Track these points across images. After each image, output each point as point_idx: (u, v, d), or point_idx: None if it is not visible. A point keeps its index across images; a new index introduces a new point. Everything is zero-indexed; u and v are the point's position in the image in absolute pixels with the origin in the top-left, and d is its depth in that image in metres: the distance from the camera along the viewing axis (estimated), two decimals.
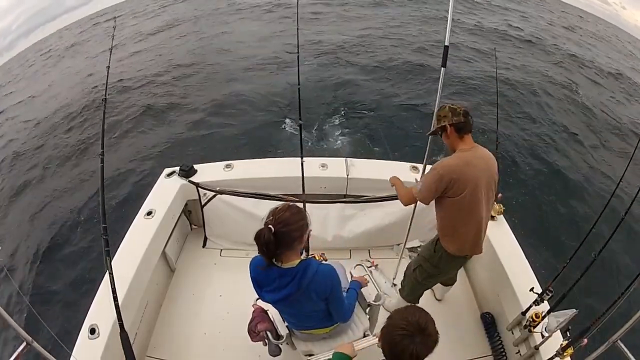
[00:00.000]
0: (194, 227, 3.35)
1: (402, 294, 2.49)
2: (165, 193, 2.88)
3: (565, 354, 1.76)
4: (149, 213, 2.69)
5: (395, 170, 2.33)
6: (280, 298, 1.57)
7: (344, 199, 3.01)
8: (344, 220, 3.01)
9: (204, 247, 3.17)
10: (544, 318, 2.01)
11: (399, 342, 1.13)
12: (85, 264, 4.38)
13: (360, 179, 2.99)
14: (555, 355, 1.78)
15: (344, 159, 3.13)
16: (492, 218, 2.69)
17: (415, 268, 2.30)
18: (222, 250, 3.14)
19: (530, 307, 2.12)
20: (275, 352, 1.96)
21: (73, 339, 1.94)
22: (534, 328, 2.06)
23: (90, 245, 4.60)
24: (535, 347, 2.04)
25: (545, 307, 2.10)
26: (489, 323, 2.61)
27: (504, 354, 2.42)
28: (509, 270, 2.42)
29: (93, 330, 1.96)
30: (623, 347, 1.46)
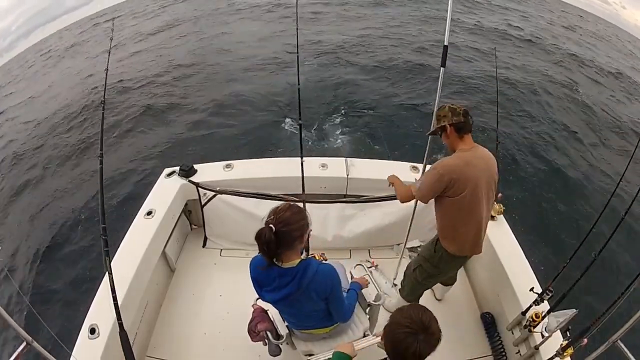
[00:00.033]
0: (194, 227, 3.35)
1: (402, 294, 2.49)
2: (165, 193, 2.88)
3: (565, 354, 1.76)
4: (149, 213, 2.69)
5: (395, 170, 2.33)
6: (281, 298, 1.57)
7: (344, 199, 3.01)
8: (344, 220, 3.01)
9: (204, 247, 3.17)
10: (544, 318, 2.01)
11: (403, 340, 1.13)
12: (85, 264, 4.38)
13: (360, 179, 2.99)
14: (555, 355, 1.78)
15: (344, 159, 3.13)
16: (492, 218, 2.69)
17: (415, 268, 2.30)
18: (222, 250, 3.14)
19: (530, 307, 2.12)
20: (275, 352, 1.97)
21: (73, 339, 1.94)
22: (534, 328, 2.06)
23: (90, 245, 4.60)
24: (535, 347, 2.04)
25: (545, 307, 2.10)
26: (489, 323, 2.61)
27: (504, 354, 2.42)
28: (509, 270, 2.42)
29: (93, 330, 1.96)
30: (623, 347, 1.46)
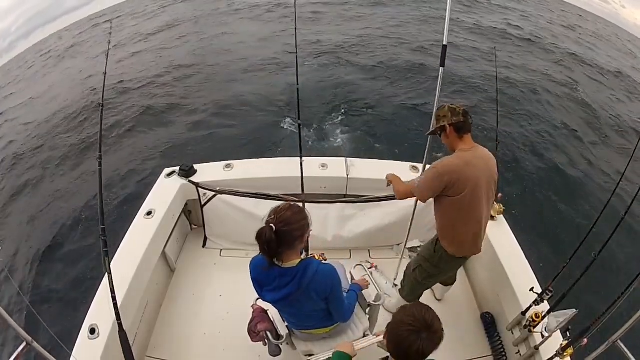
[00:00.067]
0: (194, 227, 3.35)
1: (402, 294, 2.50)
2: (165, 193, 2.88)
3: (565, 354, 1.76)
4: (149, 213, 2.69)
5: (395, 170, 2.33)
6: (281, 297, 1.57)
7: (344, 199, 3.01)
8: (344, 220, 3.01)
9: (204, 247, 3.17)
10: (544, 318, 2.00)
11: (406, 338, 1.14)
12: (86, 264, 4.38)
13: (360, 179, 2.98)
14: (555, 355, 1.78)
15: (344, 159, 3.13)
16: (492, 218, 2.69)
17: (415, 268, 2.30)
18: (222, 250, 3.14)
19: (530, 307, 2.12)
20: (275, 352, 1.97)
21: (73, 339, 1.94)
22: (534, 328, 2.06)
23: (90, 245, 4.60)
24: (535, 347, 2.04)
25: (545, 307, 2.10)
26: (489, 323, 2.61)
27: (504, 354, 2.42)
28: (509, 270, 2.42)
29: (93, 330, 1.96)
30: (623, 347, 1.46)
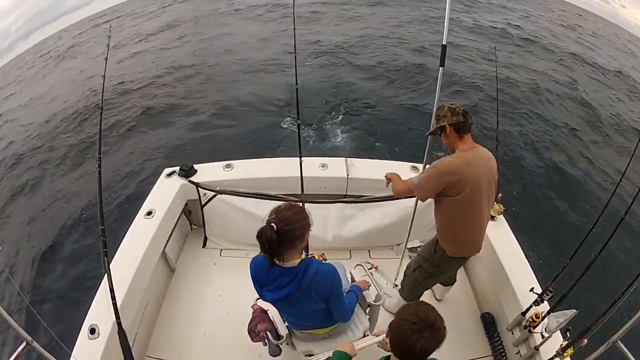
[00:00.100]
0: (194, 227, 3.35)
1: (402, 294, 2.50)
2: (165, 193, 2.88)
3: (565, 354, 1.75)
4: (149, 213, 2.69)
5: (395, 170, 2.33)
6: (281, 297, 1.58)
7: (344, 199, 3.01)
8: (344, 220, 3.01)
9: (204, 247, 3.17)
10: (544, 318, 2.00)
11: (409, 336, 1.15)
12: (86, 264, 4.38)
13: (360, 179, 2.98)
14: (555, 356, 1.78)
15: (344, 159, 3.13)
16: (492, 218, 2.69)
17: (415, 268, 2.30)
18: (222, 250, 3.14)
19: (530, 307, 2.12)
20: (275, 352, 1.96)
21: (73, 339, 1.94)
22: (534, 328, 2.06)
23: (91, 245, 4.60)
24: (535, 347, 2.04)
25: (545, 307, 2.09)
26: (489, 323, 2.61)
27: (504, 354, 2.42)
28: (509, 271, 2.42)
29: (93, 330, 1.96)
30: (623, 347, 1.46)
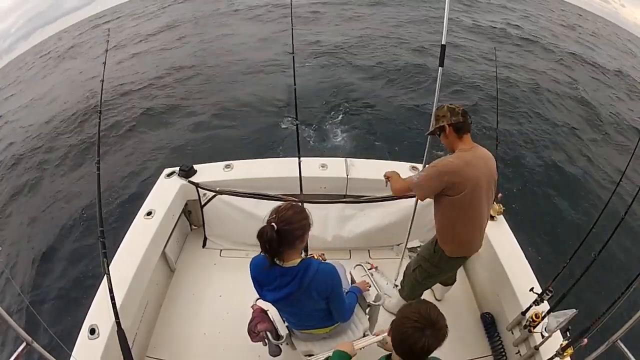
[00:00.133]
0: (194, 227, 3.35)
1: (402, 294, 2.50)
2: (165, 193, 2.88)
3: (565, 354, 1.75)
4: (149, 213, 2.69)
5: (395, 170, 2.33)
6: (281, 297, 1.58)
7: (344, 199, 3.01)
8: (344, 221, 3.01)
9: (204, 247, 3.17)
10: (544, 318, 2.00)
11: (411, 334, 1.16)
12: (86, 264, 4.38)
13: (360, 179, 2.98)
14: (555, 355, 1.78)
15: (344, 159, 3.13)
16: (492, 218, 2.69)
17: (415, 268, 2.30)
18: (222, 251, 3.14)
19: (530, 307, 2.12)
20: (275, 352, 1.97)
21: (73, 339, 1.94)
22: (534, 328, 2.06)
23: (91, 246, 4.60)
24: (535, 347, 2.04)
25: (545, 307, 2.09)
26: (489, 323, 2.61)
27: (504, 354, 2.42)
28: (509, 270, 2.42)
29: (93, 331, 1.96)
30: (623, 347, 1.46)
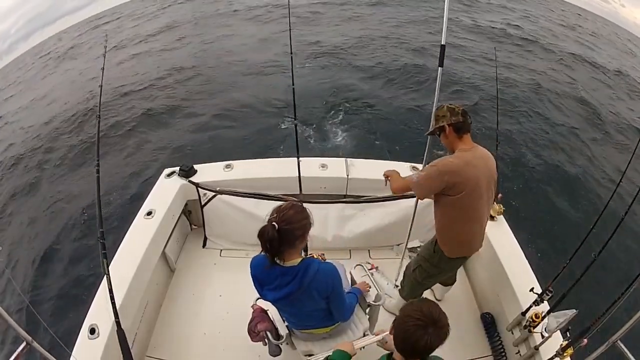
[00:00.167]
0: (194, 227, 3.35)
1: (402, 294, 2.50)
2: (165, 193, 2.88)
3: (565, 354, 1.75)
4: (149, 213, 2.69)
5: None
6: (282, 296, 1.58)
7: (344, 199, 3.01)
8: (344, 221, 3.01)
9: (204, 247, 3.17)
10: (544, 318, 2.00)
11: (413, 332, 1.16)
12: (86, 264, 4.39)
13: (360, 179, 2.99)
14: (555, 356, 1.78)
15: (344, 159, 3.13)
16: (492, 218, 2.69)
17: (415, 268, 2.30)
18: (222, 251, 3.14)
19: (530, 307, 2.12)
20: (275, 352, 1.97)
21: (73, 339, 1.95)
22: (534, 328, 2.06)
23: (91, 246, 4.60)
24: (535, 347, 2.04)
25: (545, 307, 2.09)
26: (489, 323, 2.61)
27: (504, 354, 2.42)
28: (509, 271, 2.42)
29: (93, 330, 1.96)
30: (623, 347, 1.46)
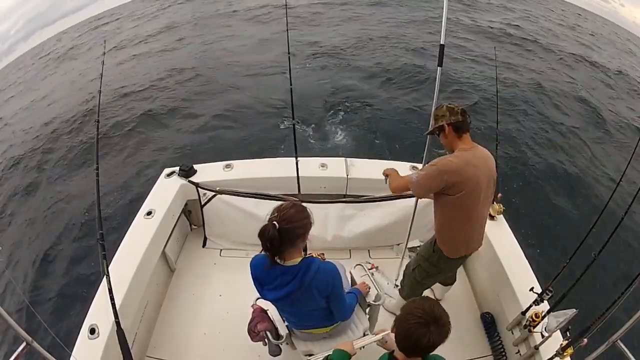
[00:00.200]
0: (194, 227, 3.35)
1: (401, 294, 2.50)
2: (165, 193, 2.88)
3: (565, 354, 1.75)
4: (149, 213, 2.69)
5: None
6: (282, 296, 1.58)
7: (344, 199, 3.01)
8: (344, 220, 3.01)
9: (204, 247, 3.18)
10: (544, 318, 2.00)
11: (415, 330, 1.17)
12: (86, 264, 4.38)
13: (360, 179, 2.99)
14: (555, 355, 1.78)
15: (344, 159, 3.13)
16: (491, 218, 2.69)
17: (415, 268, 2.30)
18: (222, 250, 3.14)
19: (530, 307, 2.12)
20: (275, 352, 1.97)
21: (73, 339, 1.95)
22: (534, 328, 2.06)
23: (91, 246, 4.60)
24: (535, 347, 2.04)
25: (545, 307, 2.09)
26: (489, 323, 2.61)
27: (504, 354, 2.42)
28: (509, 270, 2.42)
29: (93, 331, 1.96)
30: (623, 347, 1.46)
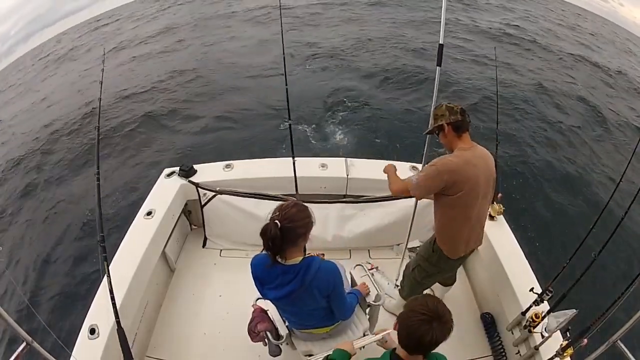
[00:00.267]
0: (194, 227, 3.35)
1: (401, 294, 2.50)
2: (165, 193, 2.88)
3: (565, 354, 1.75)
4: (149, 213, 2.69)
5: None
6: (283, 295, 1.58)
7: (344, 199, 3.01)
8: (344, 221, 3.01)
9: (204, 247, 3.17)
10: (544, 318, 2.00)
11: (418, 327, 1.17)
12: (86, 265, 4.39)
13: (360, 179, 2.99)
14: (555, 356, 1.78)
15: (344, 159, 3.13)
16: (491, 218, 2.69)
17: (414, 268, 2.30)
18: (222, 251, 3.14)
19: (530, 307, 2.12)
20: (275, 352, 1.97)
21: (73, 339, 1.95)
22: (534, 328, 2.06)
23: (91, 246, 4.60)
24: (535, 347, 2.04)
25: (545, 307, 2.09)
26: (489, 323, 2.61)
27: (504, 354, 2.42)
28: (509, 270, 2.42)
29: (93, 331, 1.96)
30: (623, 347, 1.46)
